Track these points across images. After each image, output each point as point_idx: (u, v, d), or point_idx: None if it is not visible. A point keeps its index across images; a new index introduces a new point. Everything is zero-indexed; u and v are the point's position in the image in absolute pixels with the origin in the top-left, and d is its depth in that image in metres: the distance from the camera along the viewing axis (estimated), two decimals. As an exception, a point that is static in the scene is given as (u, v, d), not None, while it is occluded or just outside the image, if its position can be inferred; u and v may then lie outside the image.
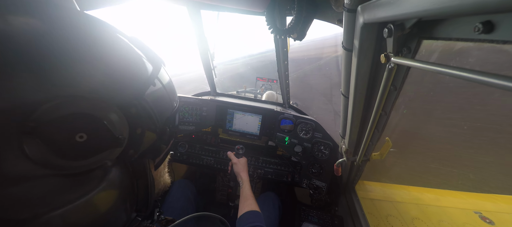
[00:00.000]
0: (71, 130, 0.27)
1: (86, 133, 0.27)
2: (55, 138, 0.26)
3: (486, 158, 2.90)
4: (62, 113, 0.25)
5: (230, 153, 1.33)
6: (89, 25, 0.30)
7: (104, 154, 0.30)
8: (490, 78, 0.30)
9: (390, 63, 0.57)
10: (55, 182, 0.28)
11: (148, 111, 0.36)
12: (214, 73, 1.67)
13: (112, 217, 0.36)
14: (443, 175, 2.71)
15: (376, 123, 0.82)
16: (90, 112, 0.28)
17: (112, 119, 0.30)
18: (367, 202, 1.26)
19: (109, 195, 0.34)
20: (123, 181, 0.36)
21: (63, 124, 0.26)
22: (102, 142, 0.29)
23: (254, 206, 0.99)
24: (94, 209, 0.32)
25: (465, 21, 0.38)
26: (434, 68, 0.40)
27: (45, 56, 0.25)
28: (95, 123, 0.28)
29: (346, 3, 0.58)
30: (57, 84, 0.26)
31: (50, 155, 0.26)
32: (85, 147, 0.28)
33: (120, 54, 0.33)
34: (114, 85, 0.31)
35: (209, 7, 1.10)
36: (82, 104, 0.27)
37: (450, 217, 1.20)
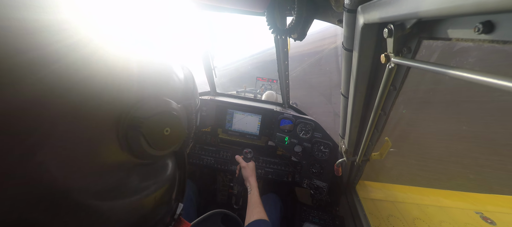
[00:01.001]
0: (162, 125, 0.32)
1: (170, 127, 0.33)
2: (152, 131, 0.31)
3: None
4: (156, 111, 0.31)
5: (238, 156, 1.31)
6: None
7: (176, 145, 0.37)
8: (490, 78, 0.30)
9: (390, 63, 0.57)
10: (141, 170, 0.33)
11: (195, 103, 0.43)
12: (214, 73, 1.67)
13: (167, 203, 0.41)
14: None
15: (375, 123, 0.82)
16: (168, 109, 0.33)
17: (179, 112, 0.36)
18: (368, 202, 1.26)
19: (170, 182, 0.39)
20: (174, 171, 0.41)
21: (157, 120, 0.31)
22: (178, 134, 0.35)
23: (262, 214, 0.97)
24: (160, 194, 0.37)
25: (465, 21, 0.38)
26: (434, 68, 0.40)
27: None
28: (175, 119, 0.34)
29: (346, 3, 0.58)
30: (141, 87, 0.31)
31: (146, 146, 0.31)
32: (169, 139, 0.34)
33: (162, 60, 0.37)
34: (166, 81, 0.37)
35: (209, 7, 1.10)
36: (163, 103, 0.33)
37: (451, 217, 1.20)
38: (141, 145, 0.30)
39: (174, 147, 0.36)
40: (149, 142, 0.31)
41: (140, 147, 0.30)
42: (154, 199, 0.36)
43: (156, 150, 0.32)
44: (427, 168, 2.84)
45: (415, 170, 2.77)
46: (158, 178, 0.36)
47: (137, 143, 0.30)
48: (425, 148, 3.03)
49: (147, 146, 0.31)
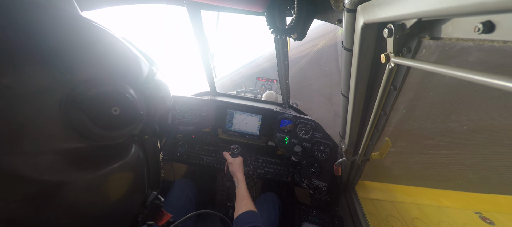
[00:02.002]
0: (108, 103, 0.32)
1: (119, 107, 0.33)
2: (96, 110, 0.30)
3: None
4: (99, 90, 0.31)
5: (225, 153, 1.32)
6: (95, 28, 0.35)
7: (130, 127, 0.36)
8: (490, 79, 0.30)
9: (390, 63, 0.57)
10: (87, 151, 0.32)
11: (157, 95, 0.43)
12: (214, 73, 1.67)
13: (135, 189, 0.41)
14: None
15: (375, 123, 0.82)
16: (120, 90, 0.33)
17: (135, 97, 0.36)
18: (367, 202, 1.26)
19: (133, 167, 0.39)
20: (140, 157, 0.41)
21: (102, 98, 0.31)
22: (130, 115, 0.35)
23: (251, 206, 0.98)
24: (122, 177, 0.37)
25: (465, 21, 0.38)
26: (434, 68, 0.40)
27: (76, 47, 0.30)
28: (125, 99, 0.34)
29: (346, 3, 0.58)
30: (84, 68, 0.30)
31: (91, 125, 0.30)
32: (118, 119, 0.33)
33: (125, 48, 0.38)
34: (127, 70, 0.37)
35: (209, 7, 1.10)
36: (110, 83, 0.32)
37: (450, 217, 1.20)
38: (85, 124, 0.30)
39: (129, 129, 0.36)
40: (94, 120, 0.30)
41: (84, 125, 0.30)
42: (118, 182, 0.37)
43: (105, 130, 0.32)
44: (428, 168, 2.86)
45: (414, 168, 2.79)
46: (118, 161, 0.36)
47: (80, 121, 0.29)
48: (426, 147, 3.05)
49: (92, 125, 0.30)
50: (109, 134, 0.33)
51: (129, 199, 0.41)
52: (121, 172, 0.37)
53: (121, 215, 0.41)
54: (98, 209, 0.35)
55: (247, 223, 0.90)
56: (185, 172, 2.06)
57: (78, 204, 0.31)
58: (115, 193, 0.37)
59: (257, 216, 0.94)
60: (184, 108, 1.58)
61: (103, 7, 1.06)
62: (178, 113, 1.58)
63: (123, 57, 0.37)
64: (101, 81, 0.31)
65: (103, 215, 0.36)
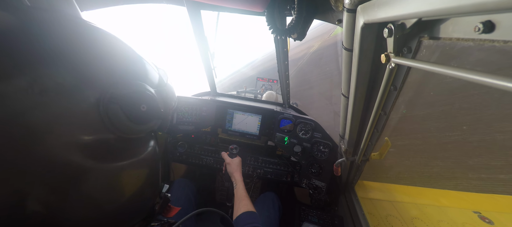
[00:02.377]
0: (138, 101, 0.38)
1: (146, 104, 0.39)
2: (129, 106, 0.36)
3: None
4: (132, 89, 0.37)
5: (223, 153, 1.32)
6: (116, 40, 0.40)
7: (153, 122, 0.42)
8: (490, 79, 0.30)
9: (390, 63, 0.57)
10: (117, 143, 0.37)
11: (169, 96, 0.49)
12: (214, 73, 1.67)
13: (153, 180, 0.46)
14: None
15: (375, 123, 0.82)
16: (146, 90, 0.40)
17: (156, 96, 0.42)
18: (367, 202, 1.26)
19: (152, 159, 0.44)
20: (156, 151, 0.46)
21: (134, 96, 0.37)
22: (154, 112, 0.41)
23: (249, 207, 0.98)
24: (143, 168, 0.42)
25: (465, 21, 0.39)
26: (434, 68, 0.41)
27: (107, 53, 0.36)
28: (150, 98, 0.40)
29: (346, 3, 0.58)
30: (111, 73, 0.36)
31: (125, 119, 0.36)
32: (145, 115, 0.39)
33: (139, 56, 0.43)
34: (145, 74, 0.43)
35: (209, 7, 1.10)
36: (137, 85, 0.39)
37: (450, 217, 1.21)
38: (121, 119, 0.36)
39: (152, 124, 0.42)
40: (128, 115, 0.36)
41: (120, 120, 0.36)
42: (141, 171, 0.42)
43: (135, 124, 0.38)
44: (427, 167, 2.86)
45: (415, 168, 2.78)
46: (142, 152, 0.42)
47: (117, 117, 0.35)
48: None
49: (127, 120, 0.36)
50: (137, 127, 0.39)
51: (149, 188, 0.46)
52: (143, 162, 0.42)
53: (143, 203, 0.46)
54: (125, 195, 0.39)
55: (246, 224, 0.89)
56: (184, 171, 2.06)
57: (103, 190, 0.35)
58: (139, 181, 0.42)
59: (256, 216, 0.94)
60: (184, 108, 1.58)
61: (103, 7, 1.06)
62: (178, 113, 1.58)
63: (140, 63, 0.43)
64: (127, 83, 0.37)
65: (129, 202, 0.40)
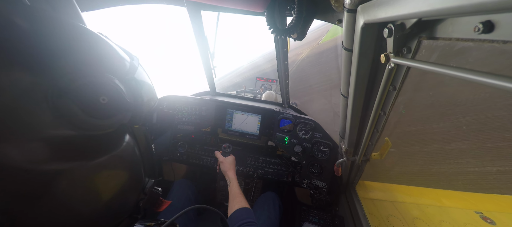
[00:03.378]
0: (95, 93, 0.33)
1: (107, 96, 0.34)
2: (84, 99, 0.32)
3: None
4: (84, 81, 0.32)
5: (216, 152, 1.33)
6: (76, 27, 0.36)
7: (119, 116, 0.37)
8: (490, 79, 0.30)
9: (390, 63, 0.57)
10: (82, 141, 0.33)
11: (142, 86, 0.44)
12: (214, 73, 1.67)
13: (132, 177, 0.43)
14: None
15: (375, 123, 0.82)
16: (105, 80, 0.35)
17: (121, 87, 0.37)
18: (368, 202, 1.26)
19: (128, 155, 0.40)
20: (132, 146, 0.42)
21: (88, 88, 0.32)
22: (118, 104, 0.36)
23: (243, 203, 0.99)
24: (118, 166, 0.38)
25: (465, 21, 0.38)
26: (434, 68, 0.40)
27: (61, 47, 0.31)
28: (111, 88, 0.35)
29: (346, 3, 0.58)
30: (64, 63, 0.31)
31: (81, 113, 0.31)
32: (107, 108, 0.34)
33: (103, 42, 0.39)
34: (108, 63, 0.38)
35: (209, 7, 1.10)
36: (94, 75, 0.33)
37: (451, 217, 1.20)
38: (76, 114, 0.31)
39: (118, 117, 0.37)
40: (84, 109, 0.32)
41: (76, 115, 0.31)
42: (115, 170, 0.38)
43: (95, 119, 0.33)
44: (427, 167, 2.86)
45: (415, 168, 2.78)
46: (114, 149, 0.37)
47: (71, 111, 0.31)
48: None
49: (84, 114, 0.32)
50: (100, 122, 0.34)
51: (127, 186, 0.42)
52: (117, 160, 0.38)
53: (123, 201, 0.43)
54: (99, 197, 0.36)
55: (241, 220, 0.90)
56: (185, 172, 2.06)
57: (76, 193, 0.32)
58: (115, 179, 0.38)
59: (250, 212, 0.95)
60: (184, 108, 1.58)
61: (103, 8, 1.06)
62: (178, 113, 1.58)
63: (102, 50, 0.38)
64: (83, 73, 0.32)
65: (106, 202, 0.37)
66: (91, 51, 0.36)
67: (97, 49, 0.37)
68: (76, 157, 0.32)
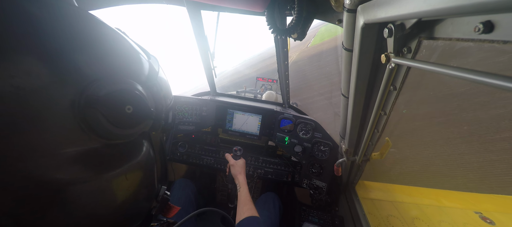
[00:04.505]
0: (121, 102, 0.32)
1: (132, 105, 0.33)
2: (111, 109, 0.31)
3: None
4: (111, 89, 0.31)
5: (227, 154, 1.31)
6: (99, 24, 0.34)
7: (143, 124, 0.36)
8: (490, 79, 0.30)
9: (390, 64, 0.57)
10: (104, 150, 0.32)
11: (161, 91, 0.43)
12: (214, 73, 1.67)
13: (148, 185, 0.42)
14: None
15: (375, 123, 0.82)
16: (130, 88, 0.33)
17: (144, 94, 0.36)
18: (368, 202, 1.26)
19: (146, 164, 0.40)
20: (150, 154, 0.42)
21: (115, 97, 0.31)
22: (142, 113, 0.36)
23: (253, 211, 0.97)
24: (136, 175, 0.38)
25: (465, 21, 0.38)
26: (434, 68, 0.40)
27: (80, 46, 0.29)
28: (136, 97, 0.34)
29: (346, 3, 0.58)
30: (90, 67, 0.30)
31: (108, 124, 0.30)
32: (132, 117, 0.34)
33: (126, 43, 0.38)
34: (130, 66, 0.36)
35: (209, 7, 1.10)
36: (119, 82, 0.32)
37: (451, 217, 1.20)
38: (101, 123, 0.30)
39: (141, 126, 0.36)
40: (110, 120, 0.31)
41: (101, 125, 0.30)
42: (133, 178, 0.37)
43: (120, 129, 0.32)
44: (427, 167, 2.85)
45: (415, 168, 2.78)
46: (133, 158, 0.37)
47: (96, 121, 0.29)
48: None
49: (109, 125, 0.31)
50: (124, 132, 0.33)
51: (144, 194, 0.42)
52: (136, 169, 0.38)
53: (137, 210, 0.42)
54: (118, 205, 0.35)
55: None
56: (185, 172, 2.06)
57: (95, 203, 0.32)
58: (131, 189, 0.37)
59: (259, 221, 0.94)
60: (185, 108, 1.58)
61: (103, 7, 1.06)
62: (179, 113, 1.58)
63: (125, 53, 0.36)
64: (110, 80, 0.31)
65: (121, 211, 0.37)
66: (113, 50, 0.34)
67: (118, 49, 0.35)
68: (97, 166, 0.31)
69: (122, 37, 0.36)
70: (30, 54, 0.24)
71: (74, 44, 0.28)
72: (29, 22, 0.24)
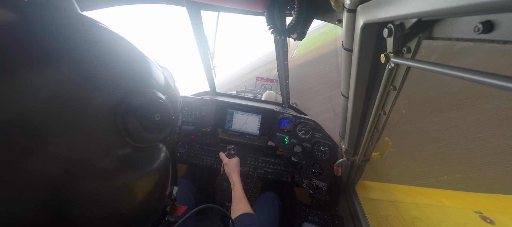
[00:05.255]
0: (152, 111, 0.37)
1: (160, 113, 0.38)
2: (145, 116, 0.36)
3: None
4: (145, 99, 0.36)
5: (221, 153, 1.31)
6: (125, 42, 0.39)
7: (166, 130, 0.41)
8: (490, 79, 0.30)
9: (390, 63, 0.57)
10: (135, 154, 0.36)
11: (177, 99, 0.48)
12: (214, 73, 1.67)
13: (165, 185, 0.46)
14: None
15: (375, 123, 0.82)
16: (158, 97, 0.39)
17: (167, 103, 0.41)
18: (367, 202, 1.26)
19: (165, 166, 0.44)
20: (168, 156, 0.46)
21: (149, 106, 0.37)
22: (167, 120, 0.40)
23: (247, 208, 0.97)
24: (157, 176, 0.42)
25: (465, 21, 0.38)
26: (434, 68, 0.40)
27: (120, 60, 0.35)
28: (162, 106, 0.39)
29: (346, 3, 0.58)
30: (124, 79, 0.35)
31: (142, 130, 0.35)
32: (159, 124, 0.39)
33: (147, 58, 0.42)
34: (153, 78, 0.42)
35: (209, 7, 1.10)
36: (149, 93, 0.37)
37: (451, 217, 1.20)
38: (137, 130, 0.35)
39: (165, 132, 0.41)
40: (144, 126, 0.36)
41: (137, 131, 0.35)
42: (155, 179, 0.41)
43: (150, 134, 0.37)
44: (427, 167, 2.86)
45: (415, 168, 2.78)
46: (155, 160, 0.41)
47: (134, 128, 0.34)
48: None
49: (143, 130, 0.35)
50: (152, 137, 0.38)
51: (161, 193, 0.46)
52: (157, 171, 0.42)
53: (155, 207, 0.46)
54: (140, 202, 0.39)
55: (244, 225, 0.89)
56: (185, 172, 2.06)
57: (124, 198, 0.36)
58: (152, 188, 0.42)
59: (254, 218, 0.94)
60: (184, 108, 1.58)
61: (103, 8, 1.06)
62: None
63: (149, 66, 0.42)
64: (143, 92, 0.36)
65: (143, 208, 0.40)
66: (140, 65, 0.39)
67: (144, 63, 0.40)
68: (126, 167, 0.35)
69: (141, 51, 0.41)
70: (70, 62, 0.28)
71: (106, 59, 0.33)
72: (66, 39, 0.29)
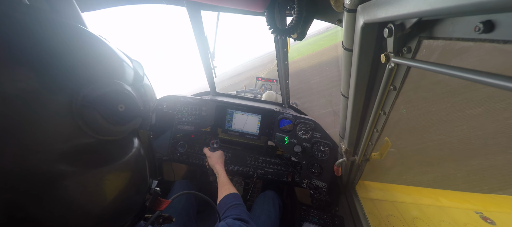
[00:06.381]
0: (115, 101, 0.36)
1: (124, 104, 0.37)
2: (106, 107, 0.34)
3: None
4: (107, 89, 0.34)
5: (205, 148, 1.38)
6: (85, 33, 0.38)
7: (133, 121, 0.40)
8: (490, 79, 0.30)
9: (390, 63, 0.57)
10: (99, 147, 0.36)
11: (146, 92, 0.47)
12: (214, 73, 1.67)
13: (142, 179, 0.45)
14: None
15: (375, 123, 0.82)
16: (121, 88, 0.37)
17: (134, 94, 0.40)
18: (368, 202, 1.26)
19: (138, 159, 0.43)
20: (140, 149, 0.45)
21: (109, 97, 0.35)
22: (133, 111, 0.39)
23: (231, 189, 1.04)
24: (131, 169, 0.41)
25: (465, 21, 0.38)
26: (434, 68, 0.40)
27: (76, 53, 0.33)
28: (128, 96, 0.38)
29: (346, 3, 0.58)
30: (82, 71, 0.33)
31: (103, 122, 0.34)
32: (124, 115, 0.37)
33: (113, 51, 0.41)
34: (118, 70, 0.40)
35: (209, 7, 1.10)
36: (111, 84, 0.36)
37: (451, 217, 1.20)
38: (98, 121, 0.33)
39: (132, 124, 0.40)
40: (106, 118, 0.34)
41: (98, 123, 0.34)
42: (126, 172, 0.41)
43: (115, 126, 0.36)
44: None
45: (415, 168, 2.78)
46: (125, 154, 0.40)
47: (94, 119, 0.33)
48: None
49: (105, 122, 0.34)
50: (117, 129, 0.37)
51: (137, 187, 0.45)
52: (128, 163, 0.41)
53: (132, 202, 0.46)
54: (113, 198, 0.38)
55: (228, 203, 0.95)
56: (185, 172, 2.06)
57: (89, 195, 0.35)
58: (125, 182, 0.41)
59: (237, 196, 1.00)
60: (184, 108, 1.58)
61: (103, 8, 1.06)
62: (178, 113, 1.58)
63: (111, 57, 0.40)
64: (102, 82, 0.34)
65: (117, 203, 0.40)
66: (102, 56, 0.38)
67: (106, 55, 0.39)
68: (93, 161, 0.35)
69: (106, 44, 0.40)
70: (29, 62, 0.27)
71: (64, 52, 0.31)
72: (27, 34, 0.28)
